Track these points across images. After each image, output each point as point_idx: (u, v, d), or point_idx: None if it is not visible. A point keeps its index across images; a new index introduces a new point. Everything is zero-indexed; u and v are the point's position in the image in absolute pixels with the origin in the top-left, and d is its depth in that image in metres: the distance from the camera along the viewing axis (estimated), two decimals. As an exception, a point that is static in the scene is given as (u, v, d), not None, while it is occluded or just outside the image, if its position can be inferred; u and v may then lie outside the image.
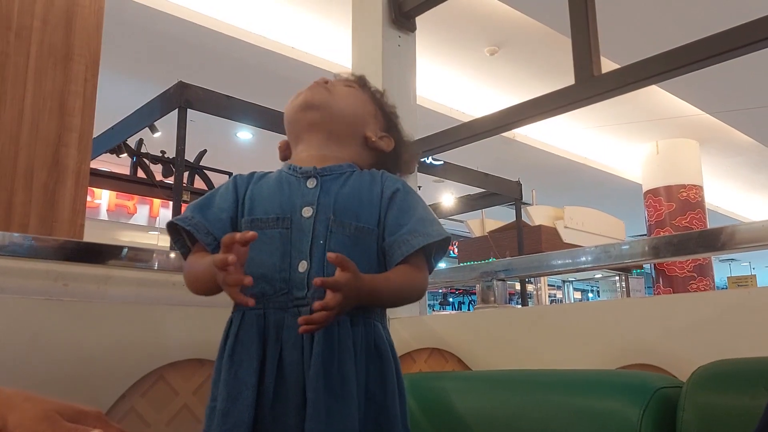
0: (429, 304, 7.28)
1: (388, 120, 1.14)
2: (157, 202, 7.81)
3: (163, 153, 4.33)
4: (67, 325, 1.14)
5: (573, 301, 8.35)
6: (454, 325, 1.59)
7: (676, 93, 5.73)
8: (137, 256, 1.38)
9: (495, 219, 5.96)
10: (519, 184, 4.96)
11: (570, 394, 1.04)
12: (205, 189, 4.34)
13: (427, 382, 1.28)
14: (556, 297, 8.11)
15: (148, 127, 3.50)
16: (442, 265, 1.67)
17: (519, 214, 4.96)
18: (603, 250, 1.52)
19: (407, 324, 1.60)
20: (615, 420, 0.93)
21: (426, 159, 4.01)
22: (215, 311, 1.05)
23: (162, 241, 6.65)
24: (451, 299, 9.62)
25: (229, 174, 4.52)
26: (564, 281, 7.99)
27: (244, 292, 0.84)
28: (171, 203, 3.26)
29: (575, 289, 9.11)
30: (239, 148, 7.42)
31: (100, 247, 1.34)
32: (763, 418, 0.67)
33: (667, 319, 1.20)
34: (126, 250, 1.37)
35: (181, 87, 2.98)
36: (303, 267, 0.93)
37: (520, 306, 4.67)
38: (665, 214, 7.01)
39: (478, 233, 5.69)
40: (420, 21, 2.00)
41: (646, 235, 7.17)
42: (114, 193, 7.29)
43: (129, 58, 5.00)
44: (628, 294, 6.01)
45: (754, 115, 5.93)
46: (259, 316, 0.92)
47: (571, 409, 1.01)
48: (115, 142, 3.70)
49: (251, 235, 0.84)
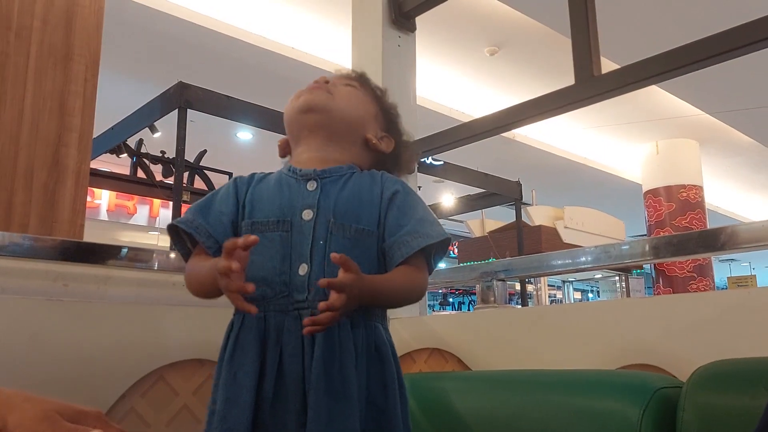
0: (429, 304, 7.28)
1: (389, 119, 1.14)
2: (157, 202, 7.81)
3: (163, 153, 4.33)
4: (67, 325, 1.14)
5: (573, 301, 8.35)
6: (454, 325, 1.59)
7: (676, 93, 5.73)
8: (137, 257, 1.38)
9: (495, 219, 5.95)
10: (519, 184, 4.96)
11: (570, 394, 1.04)
12: (205, 189, 4.33)
13: (427, 382, 1.28)
14: (556, 297, 8.11)
15: (148, 128, 3.50)
16: (442, 265, 1.67)
17: (519, 215, 4.96)
18: (603, 250, 1.52)
19: (407, 324, 1.60)
20: (615, 420, 0.93)
21: (426, 159, 4.01)
22: (215, 311, 1.05)
23: (162, 242, 6.64)
24: (451, 299, 9.62)
25: (229, 174, 4.53)
26: (564, 281, 7.98)
27: (245, 297, 0.85)
28: (171, 203, 3.26)
29: (575, 289, 9.11)
30: (239, 148, 7.42)
31: (100, 247, 1.34)
32: (763, 418, 0.67)
33: (667, 319, 1.20)
34: (126, 250, 1.37)
35: (181, 87, 2.97)
36: (303, 270, 0.93)
37: (520, 306, 4.67)
38: (665, 214, 7.01)
39: (478, 233, 5.69)
40: (420, 21, 2.00)
41: (646, 235, 7.17)
42: (114, 193, 7.29)
43: (129, 58, 5.00)
44: (628, 294, 6.01)
45: (754, 115, 5.93)
46: (259, 319, 0.92)
47: (571, 409, 1.01)
48: (115, 142, 3.69)
49: (253, 239, 0.84)
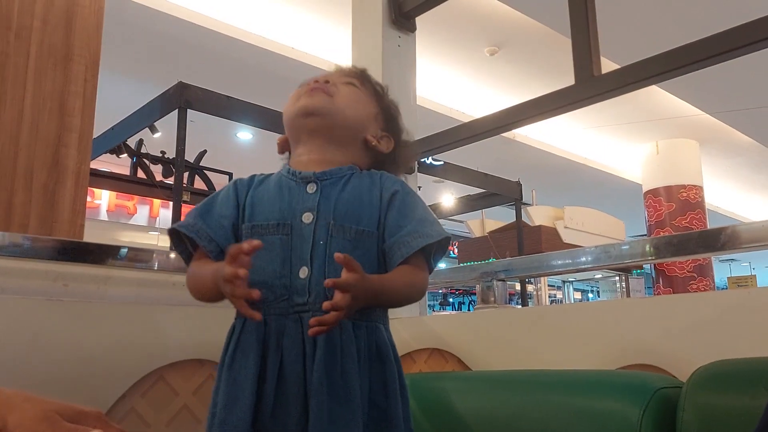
0: (429, 305, 7.29)
1: (389, 119, 1.13)
2: (157, 202, 7.80)
3: (163, 153, 4.33)
4: (67, 325, 1.14)
5: (573, 301, 8.35)
6: (454, 325, 1.59)
7: (676, 93, 5.73)
8: (137, 257, 1.38)
9: (495, 219, 5.95)
10: (519, 185, 4.96)
11: (570, 394, 1.04)
12: (205, 189, 4.33)
13: (427, 382, 1.28)
14: (556, 297, 8.11)
15: (148, 128, 3.50)
16: (442, 265, 1.67)
17: (519, 215, 4.96)
18: (603, 250, 1.52)
19: (407, 324, 1.60)
20: (615, 420, 0.93)
21: (426, 159, 4.01)
22: (215, 311, 1.05)
23: (162, 242, 6.63)
24: (451, 299, 9.62)
25: (229, 174, 4.53)
26: (564, 281, 7.99)
27: (249, 303, 0.85)
28: (171, 203, 3.26)
29: (575, 289, 9.11)
30: (239, 148, 7.42)
31: (100, 248, 1.34)
32: (763, 418, 0.67)
33: (667, 319, 1.19)
34: (126, 250, 1.37)
35: (181, 87, 2.97)
36: (304, 273, 0.93)
37: (520, 306, 4.67)
38: (665, 214, 7.01)
39: (478, 233, 5.69)
40: (420, 21, 2.00)
41: (646, 235, 7.17)
42: (114, 193, 7.29)
43: (129, 58, 5.00)
44: (628, 294, 6.01)
45: (754, 115, 5.93)
46: (260, 322, 0.92)
47: (571, 409, 1.01)
48: (115, 143, 3.69)
49: (257, 244, 0.85)
